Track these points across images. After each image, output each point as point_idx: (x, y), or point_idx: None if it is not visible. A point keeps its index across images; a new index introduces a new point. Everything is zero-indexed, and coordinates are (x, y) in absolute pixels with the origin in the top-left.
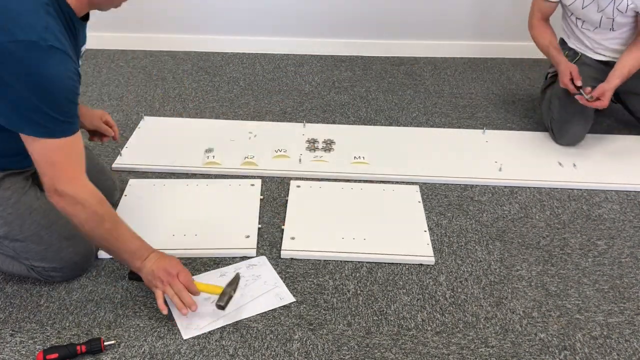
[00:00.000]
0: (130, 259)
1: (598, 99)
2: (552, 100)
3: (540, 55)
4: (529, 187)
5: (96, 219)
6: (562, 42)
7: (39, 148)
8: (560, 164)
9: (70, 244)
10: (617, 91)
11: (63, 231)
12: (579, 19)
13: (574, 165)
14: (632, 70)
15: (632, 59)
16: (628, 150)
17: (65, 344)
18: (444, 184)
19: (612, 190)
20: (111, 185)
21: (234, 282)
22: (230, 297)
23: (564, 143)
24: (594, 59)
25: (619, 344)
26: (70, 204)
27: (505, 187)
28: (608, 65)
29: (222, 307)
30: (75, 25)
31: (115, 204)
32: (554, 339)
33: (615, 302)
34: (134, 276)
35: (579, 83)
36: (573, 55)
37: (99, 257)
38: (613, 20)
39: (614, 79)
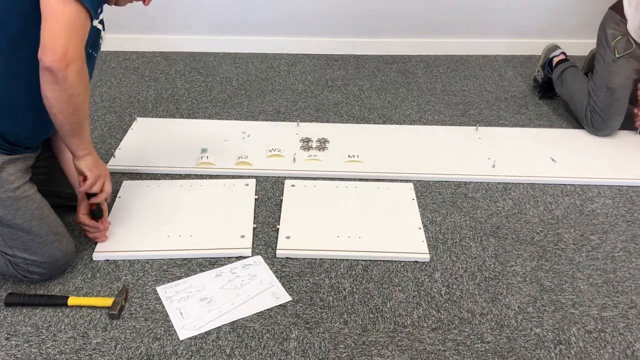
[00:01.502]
0: (87, 142)
1: None
2: (596, 90)
3: (532, 51)
4: (522, 183)
5: (87, 93)
6: (617, 24)
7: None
8: (552, 159)
9: (57, 239)
10: None
11: (53, 226)
12: None
13: (567, 160)
14: None
15: None
16: (620, 145)
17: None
18: (438, 181)
19: (604, 185)
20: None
21: (123, 291)
22: (122, 307)
23: (602, 134)
24: None
25: (613, 337)
26: (77, 72)
27: (498, 183)
28: None
29: (115, 317)
30: None
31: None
32: (549, 333)
33: (609, 296)
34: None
35: None
36: (625, 44)
37: (94, 259)
38: None
39: None
